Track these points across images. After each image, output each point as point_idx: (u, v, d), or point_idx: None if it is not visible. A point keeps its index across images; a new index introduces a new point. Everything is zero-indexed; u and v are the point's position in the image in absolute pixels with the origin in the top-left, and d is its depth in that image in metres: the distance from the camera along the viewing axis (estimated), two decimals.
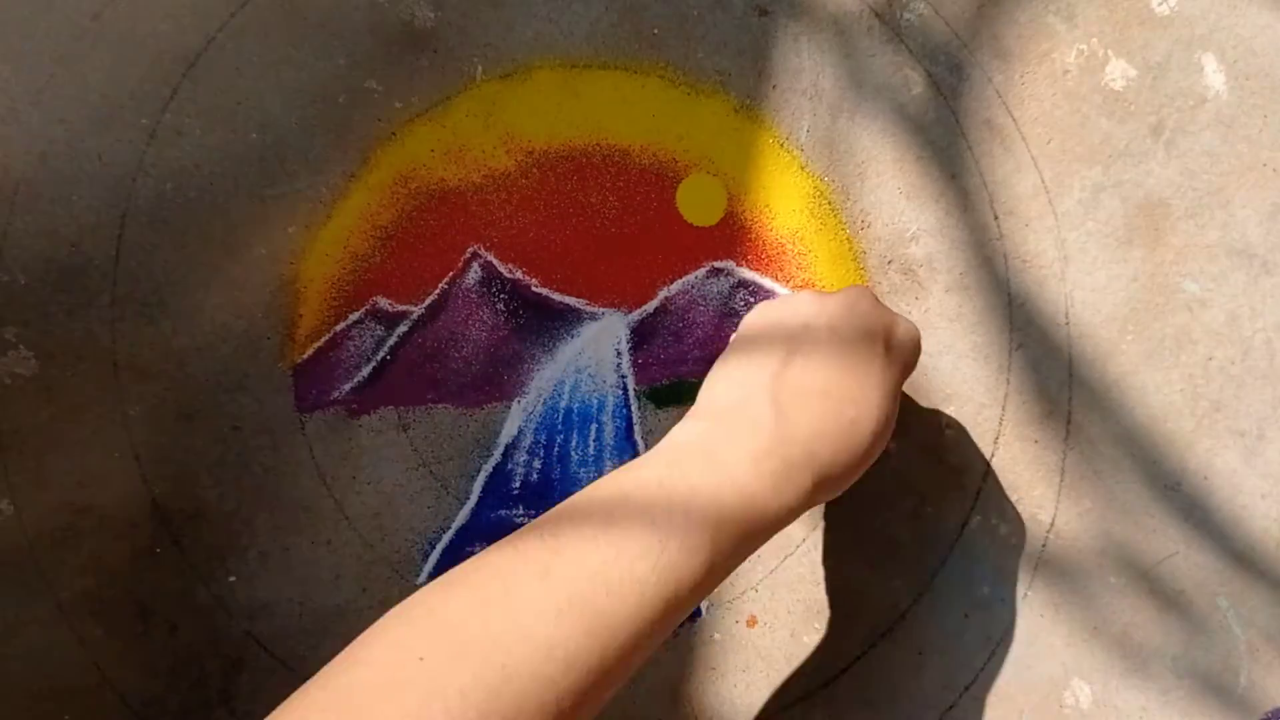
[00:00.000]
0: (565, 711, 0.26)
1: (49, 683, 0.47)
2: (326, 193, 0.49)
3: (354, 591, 0.49)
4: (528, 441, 0.49)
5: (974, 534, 0.50)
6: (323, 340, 0.49)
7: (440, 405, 0.49)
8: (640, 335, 0.50)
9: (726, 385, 0.36)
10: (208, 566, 0.49)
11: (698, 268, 0.50)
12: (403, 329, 0.49)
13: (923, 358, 0.50)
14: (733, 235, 0.50)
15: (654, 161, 0.50)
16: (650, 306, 0.50)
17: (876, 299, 0.39)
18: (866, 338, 0.36)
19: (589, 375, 0.49)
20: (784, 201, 0.50)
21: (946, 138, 0.50)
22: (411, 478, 0.49)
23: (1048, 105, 0.50)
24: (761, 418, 0.33)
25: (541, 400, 0.49)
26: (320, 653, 0.48)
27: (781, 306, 0.38)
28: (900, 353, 0.38)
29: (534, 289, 0.49)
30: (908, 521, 0.50)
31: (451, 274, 0.49)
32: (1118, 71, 0.50)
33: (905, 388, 0.50)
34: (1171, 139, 0.50)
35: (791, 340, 0.35)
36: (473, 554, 0.49)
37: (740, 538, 0.30)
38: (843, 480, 0.35)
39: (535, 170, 0.49)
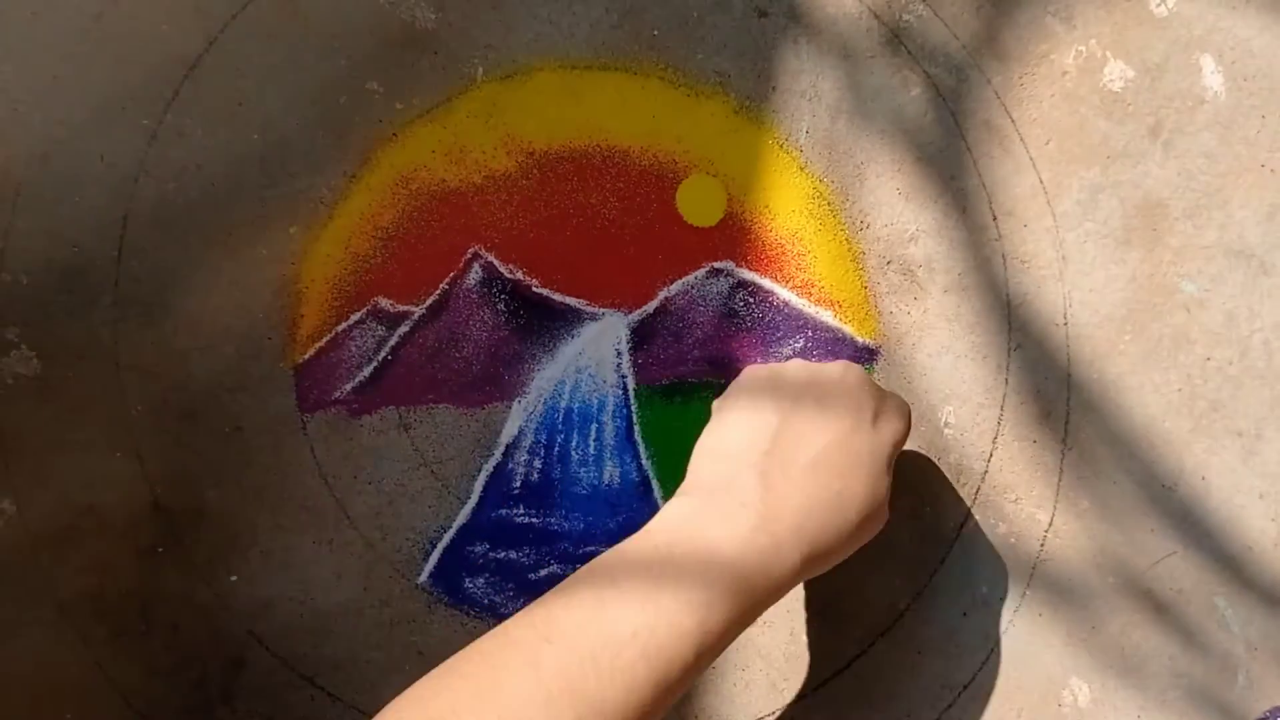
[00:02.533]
0: None
1: (51, 682, 0.48)
2: (328, 193, 0.49)
3: (355, 591, 0.49)
4: (528, 441, 0.49)
5: (972, 533, 0.50)
6: (324, 340, 0.49)
7: (441, 405, 0.49)
8: (640, 335, 0.50)
9: (714, 460, 0.36)
10: (209, 566, 0.49)
11: (698, 268, 0.50)
12: (404, 329, 0.49)
13: (922, 357, 0.50)
14: (732, 236, 0.50)
15: (654, 162, 0.50)
16: (650, 307, 0.50)
17: (865, 373, 0.40)
18: (855, 412, 0.37)
19: (589, 375, 0.50)
20: (783, 202, 0.50)
21: (945, 139, 0.50)
22: (413, 477, 0.49)
23: (1046, 106, 0.50)
24: (750, 495, 0.33)
25: (542, 400, 0.50)
26: (322, 652, 0.49)
27: (771, 376, 0.39)
28: (889, 428, 0.38)
29: (534, 289, 0.50)
30: (907, 521, 0.50)
31: (452, 274, 0.49)
32: (1116, 72, 0.50)
33: (905, 388, 0.50)
34: (1170, 140, 0.50)
35: (780, 413, 0.36)
36: (473, 553, 0.50)
37: (731, 616, 0.31)
38: (833, 554, 0.35)
39: (536, 171, 0.49)
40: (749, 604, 0.31)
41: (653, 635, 0.29)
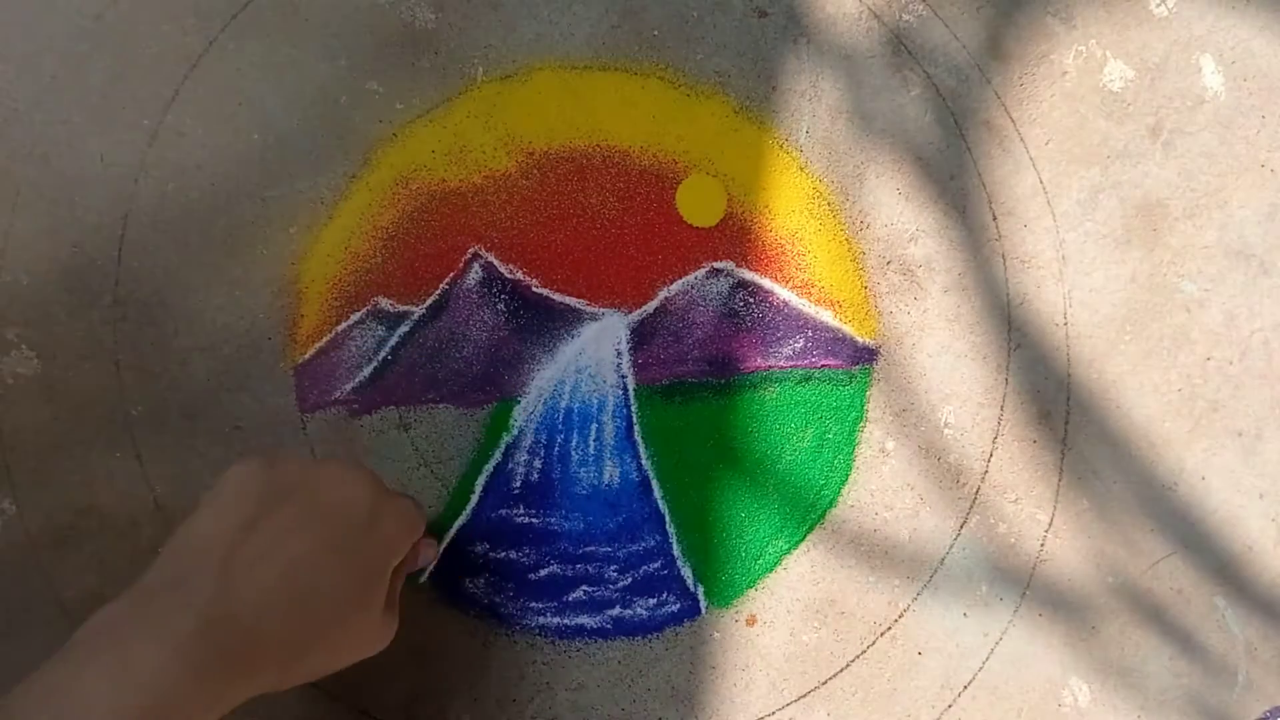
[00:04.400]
0: None
1: None
2: (328, 193, 0.49)
3: None
4: (528, 441, 0.49)
5: (973, 533, 0.50)
6: (324, 340, 0.49)
7: (441, 405, 0.49)
8: (640, 335, 0.50)
9: (176, 554, 0.32)
10: None
11: (698, 268, 0.50)
12: (404, 329, 0.49)
13: (922, 357, 0.50)
14: (732, 236, 0.50)
15: (654, 162, 0.50)
16: (650, 307, 0.50)
17: (375, 478, 0.37)
18: (348, 514, 0.34)
19: (589, 375, 0.50)
20: (783, 202, 0.50)
21: (945, 139, 0.50)
22: (412, 477, 0.49)
23: (1046, 106, 0.50)
24: (199, 594, 0.29)
25: (542, 400, 0.50)
26: None
27: (262, 469, 0.35)
28: (388, 534, 0.36)
29: (534, 289, 0.50)
30: (907, 521, 0.50)
31: (452, 274, 0.49)
32: (1116, 72, 0.50)
33: (905, 388, 0.50)
34: (1170, 140, 0.50)
35: (262, 507, 0.33)
36: (473, 553, 0.50)
37: None
38: (294, 668, 0.31)
39: (536, 171, 0.49)
40: None
41: None
